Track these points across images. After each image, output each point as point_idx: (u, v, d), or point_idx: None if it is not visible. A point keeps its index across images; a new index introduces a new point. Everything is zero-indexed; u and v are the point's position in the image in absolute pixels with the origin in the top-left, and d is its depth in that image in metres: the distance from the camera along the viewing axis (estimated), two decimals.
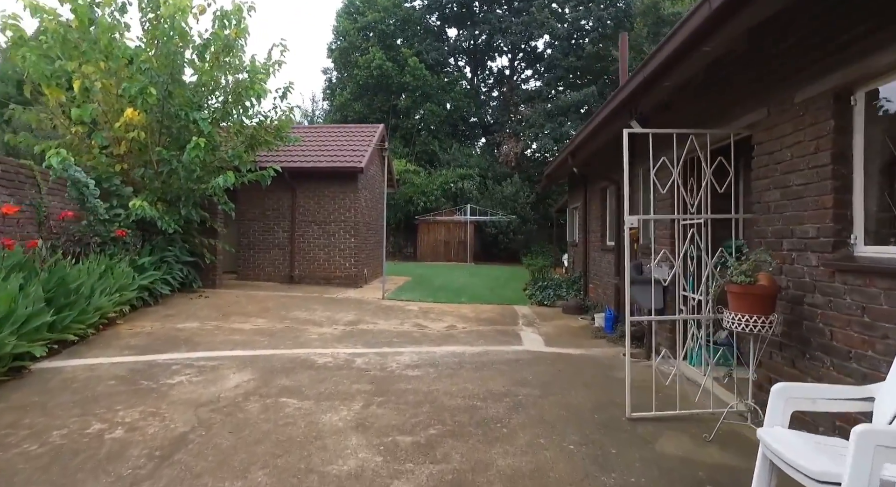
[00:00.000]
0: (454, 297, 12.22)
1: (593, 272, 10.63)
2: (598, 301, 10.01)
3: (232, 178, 8.57)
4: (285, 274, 13.70)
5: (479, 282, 16.30)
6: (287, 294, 11.35)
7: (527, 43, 31.38)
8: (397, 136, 28.74)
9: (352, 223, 13.67)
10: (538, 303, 11.31)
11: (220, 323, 7.83)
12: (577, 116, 25.92)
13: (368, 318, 8.92)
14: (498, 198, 26.37)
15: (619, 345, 7.19)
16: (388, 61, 27.01)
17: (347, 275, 13.65)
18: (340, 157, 13.78)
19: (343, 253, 13.67)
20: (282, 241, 13.74)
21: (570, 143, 8.49)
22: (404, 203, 26.51)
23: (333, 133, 15.73)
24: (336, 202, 13.71)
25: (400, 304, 10.78)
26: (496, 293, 13.38)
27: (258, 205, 13.77)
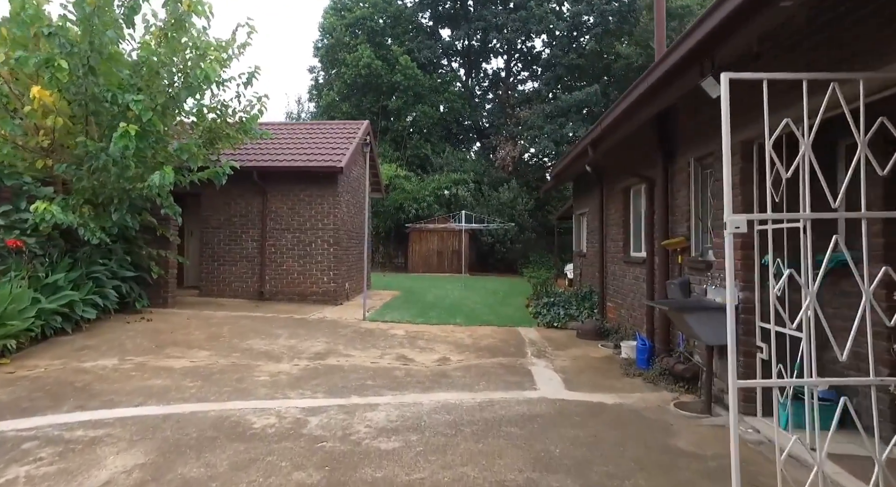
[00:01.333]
0: (447, 316, 10.53)
1: (612, 289, 8.99)
2: (620, 324, 8.36)
3: (171, 175, 6.86)
4: (254, 290, 11.97)
5: (475, 297, 14.62)
6: (251, 315, 9.63)
7: (524, 42, 29.92)
8: (387, 139, 27.16)
9: (331, 231, 11.99)
10: (547, 325, 9.64)
11: (146, 359, 6.11)
12: (578, 117, 24.41)
13: (341, 347, 7.21)
14: (494, 205, 24.76)
15: (660, 387, 5.54)
16: (378, 59, 25.45)
17: (325, 291, 11.94)
18: (318, 155, 12.12)
19: (320, 265, 11.98)
20: (250, 252, 12.02)
21: (592, 129, 6.88)
22: (394, 210, 24.85)
23: (311, 130, 14.07)
24: (313, 207, 12.03)
25: (383, 327, 9.08)
26: (495, 311, 11.70)
27: (223, 210, 12.06)
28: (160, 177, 6.81)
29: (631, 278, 7.78)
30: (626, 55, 22.88)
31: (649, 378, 5.86)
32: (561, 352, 7.41)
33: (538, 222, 26.71)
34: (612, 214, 9.04)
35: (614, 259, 8.84)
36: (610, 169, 8.93)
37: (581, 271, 14.39)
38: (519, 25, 26.00)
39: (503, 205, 24.85)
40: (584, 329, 8.50)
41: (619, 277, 8.48)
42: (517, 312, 11.74)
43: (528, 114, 26.02)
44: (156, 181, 6.78)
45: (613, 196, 8.87)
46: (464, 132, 31.78)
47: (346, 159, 11.86)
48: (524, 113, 26.47)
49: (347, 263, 12.98)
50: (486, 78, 34.51)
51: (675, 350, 5.93)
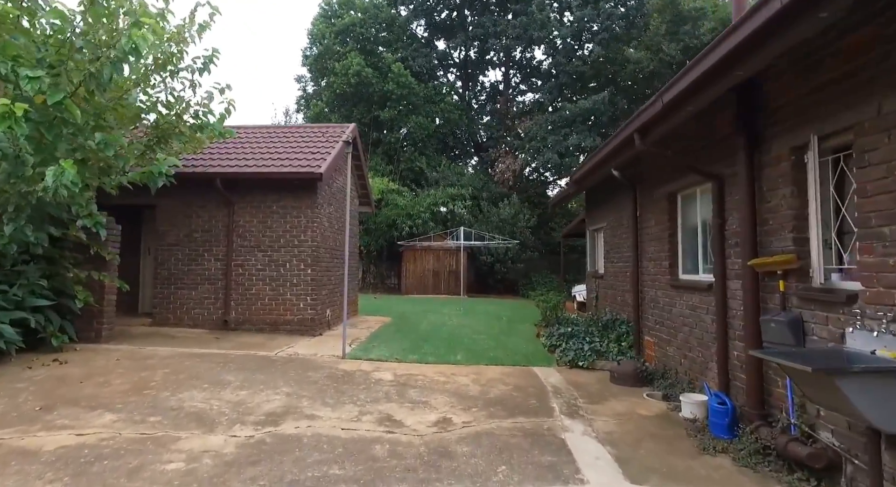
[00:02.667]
0: (446, 351, 8.71)
1: (653, 319, 7.22)
2: (666, 366, 6.57)
3: (71, 172, 5.06)
4: (217, 318, 10.12)
5: (476, 324, 12.80)
6: (203, 352, 7.78)
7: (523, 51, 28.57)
8: (379, 152, 25.55)
9: (309, 249, 10.22)
10: (569, 364, 7.81)
11: (11, 432, 4.26)
12: (584, 127, 22.87)
13: (307, 403, 5.38)
14: (494, 221, 23.06)
15: (766, 476, 3.75)
16: (369, 67, 23.96)
17: (301, 319, 10.11)
18: (294, 160, 10.40)
19: (296, 289, 10.16)
20: (213, 273, 10.20)
21: (643, 110, 5.15)
22: (386, 227, 23.11)
23: (288, 135, 12.38)
24: (287, 221, 10.26)
25: (366, 367, 7.25)
26: (502, 343, 9.89)
27: (182, 224, 10.28)
28: (55, 175, 5.01)
29: (684, 309, 6.02)
30: (636, 60, 21.53)
31: (742, 458, 4.06)
32: (598, 407, 5.60)
33: (541, 240, 25.04)
34: (650, 227, 7.32)
35: (655, 283, 7.09)
36: (649, 171, 7.25)
37: (598, 295, 12.65)
38: (519, 32, 24.62)
39: (503, 221, 23.18)
40: (621, 372, 6.69)
41: (664, 305, 6.72)
42: (528, 344, 9.92)
43: (529, 125, 24.49)
44: (49, 181, 4.99)
45: (653, 205, 7.17)
46: (461, 146, 30.24)
47: (327, 165, 10.14)
48: (525, 124, 24.95)
49: (329, 286, 11.17)
50: (484, 91, 33.18)
51: (777, 417, 4.14)
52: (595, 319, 12.28)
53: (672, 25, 21.17)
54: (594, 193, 12.76)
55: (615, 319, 10.28)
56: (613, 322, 10.17)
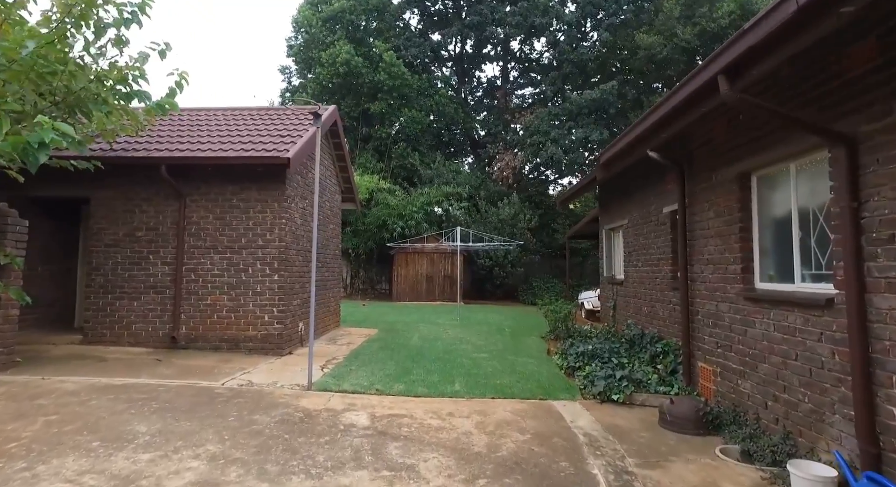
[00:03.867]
0: (441, 377, 6.99)
1: (713, 342, 5.52)
2: (737, 405, 4.87)
3: None
4: (164, 334, 8.37)
5: (476, 337, 11.09)
6: (128, 383, 6.03)
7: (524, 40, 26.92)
8: (369, 148, 23.81)
9: (276, 250, 8.50)
10: (599, 397, 6.07)
11: None
12: (589, 120, 21.23)
13: (234, 476, 3.64)
14: (493, 222, 21.37)
15: None
16: (358, 56, 22.26)
17: (267, 335, 8.37)
18: (258, 144, 8.69)
19: (260, 299, 8.43)
20: (160, 280, 8.46)
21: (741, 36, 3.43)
22: (377, 229, 21.38)
23: (255, 116, 10.64)
24: (250, 217, 8.54)
25: (335, 405, 5.52)
26: (509, 363, 8.18)
27: (123, 221, 8.54)
28: None
29: (772, 331, 4.33)
30: (648, 46, 19.92)
31: None
32: (659, 476, 3.88)
33: (542, 242, 23.39)
34: (706, 220, 5.63)
35: (715, 293, 5.39)
36: (704, 149, 5.58)
37: (615, 304, 10.99)
38: (519, 20, 22.97)
39: (503, 222, 21.49)
40: (677, 415, 4.97)
41: (732, 324, 5.03)
42: (540, 364, 8.21)
43: (530, 119, 22.83)
44: None
45: (710, 192, 5.48)
46: (456, 143, 28.53)
47: (297, 150, 8.42)
48: (526, 118, 23.28)
49: (303, 294, 9.44)
50: (480, 87, 31.55)
51: None
52: (614, 332, 10.62)
53: (687, 8, 19.57)
54: (610, 187, 11.12)
55: (643, 334, 8.63)
56: (641, 338, 8.53)
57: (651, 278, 8.83)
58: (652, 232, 8.80)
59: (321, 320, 10.79)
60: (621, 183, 10.46)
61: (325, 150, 11.04)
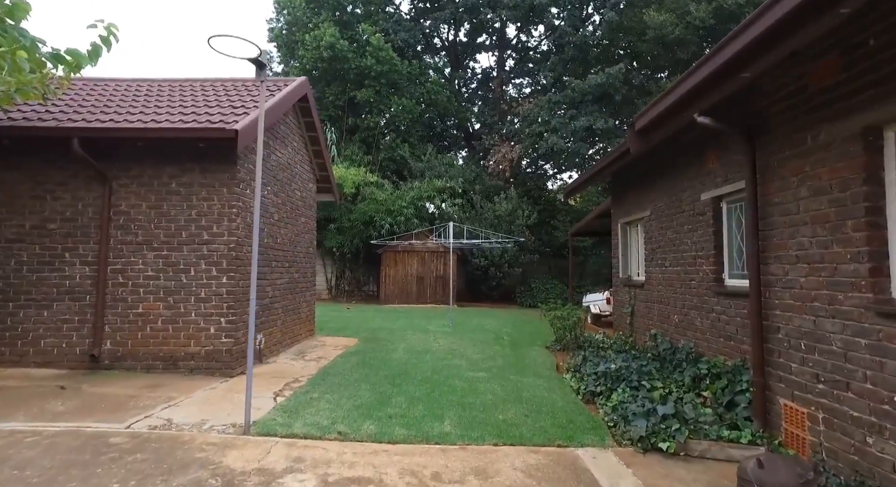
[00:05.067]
0: (427, 412, 5.37)
1: (812, 372, 3.90)
2: (859, 471, 3.31)
3: None
4: (82, 351, 6.71)
5: (471, 349, 9.49)
6: None
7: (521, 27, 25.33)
8: (356, 139, 22.13)
9: (225, 247, 6.88)
10: (641, 443, 4.46)
11: None
12: (594, 107, 19.63)
13: None
14: (489, 218, 19.78)
15: None
16: (344, 40, 20.59)
17: (213, 351, 6.75)
18: (201, 115, 7.05)
19: (205, 307, 6.80)
20: (79, 283, 6.80)
21: None
22: (363, 226, 19.74)
23: (206, 89, 8.96)
24: (193, 206, 6.91)
25: (273, 462, 3.90)
26: (514, 387, 6.57)
27: (30, 210, 6.87)
28: None
29: None
30: (658, 26, 18.35)
31: None
32: None
33: (542, 240, 21.82)
34: (794, 202, 4.04)
35: (815, 304, 3.78)
36: (802, 96, 3.99)
37: (633, 309, 9.45)
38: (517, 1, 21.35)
39: (499, 218, 19.90)
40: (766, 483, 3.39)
41: (853, 351, 3.42)
42: (551, 386, 6.62)
43: (529, 107, 21.23)
44: None
45: (811, 159, 3.87)
46: (450, 135, 26.91)
47: (249, 122, 6.77)
48: (524, 107, 21.68)
49: (264, 300, 7.80)
50: (475, 78, 29.95)
51: None
52: (632, 343, 9.08)
53: None
54: (626, 173, 9.58)
55: (675, 348, 7.10)
56: (674, 354, 7.01)
57: (684, 279, 7.29)
58: (685, 224, 7.27)
59: (289, 329, 9.17)
60: (641, 168, 8.92)
61: (293, 129, 9.42)
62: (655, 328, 8.31)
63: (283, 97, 8.02)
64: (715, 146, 6.37)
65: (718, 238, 6.46)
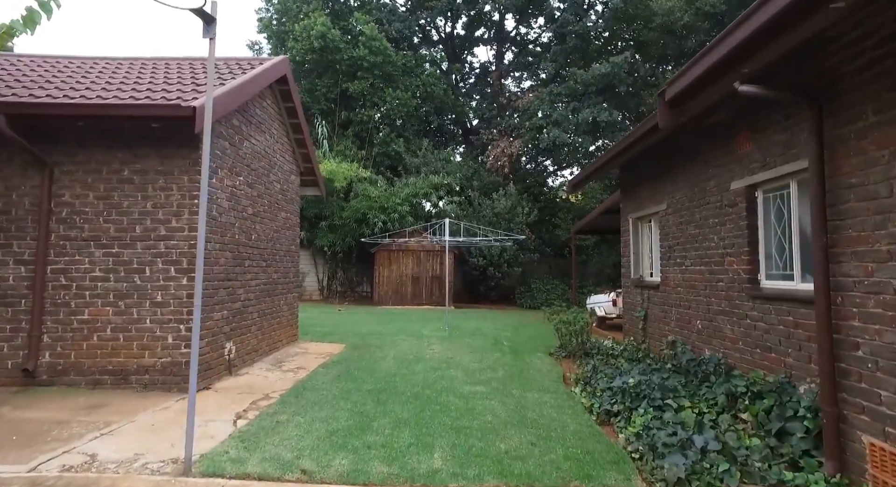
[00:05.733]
0: (414, 441, 4.47)
1: None
2: None
3: None
4: (14, 365, 5.80)
5: (468, 357, 8.60)
6: None
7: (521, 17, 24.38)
8: (349, 134, 21.23)
9: (185, 244, 5.98)
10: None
11: None
12: (598, 99, 18.74)
13: None
14: (487, 216, 18.90)
15: None
16: (336, 30, 19.68)
17: (171, 363, 5.86)
18: (156, 93, 6.15)
19: (163, 312, 5.91)
20: (12, 285, 5.90)
21: None
22: (356, 224, 18.85)
23: (170, 67, 8.05)
24: (149, 196, 6.02)
25: None
26: (517, 405, 5.69)
27: None
28: None
29: None
30: (665, 12, 17.47)
31: None
32: None
33: (542, 239, 20.95)
34: (883, 182, 3.16)
35: None
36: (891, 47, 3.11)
37: (647, 313, 8.57)
38: None
39: (498, 216, 19.01)
40: None
41: None
42: (559, 404, 5.73)
43: (529, 99, 20.35)
44: None
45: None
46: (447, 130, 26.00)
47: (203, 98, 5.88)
48: (524, 99, 20.79)
49: (234, 304, 6.91)
50: (473, 73, 29.04)
51: None
52: (645, 350, 8.22)
53: None
54: (637, 164, 8.72)
55: (699, 359, 6.25)
56: (699, 366, 6.15)
57: (709, 280, 6.43)
58: (710, 218, 6.41)
59: (267, 335, 8.28)
60: (655, 157, 8.06)
61: (271, 115, 8.53)
62: (674, 335, 7.45)
63: (257, 75, 7.12)
64: (749, 126, 5.50)
65: (753, 233, 5.61)
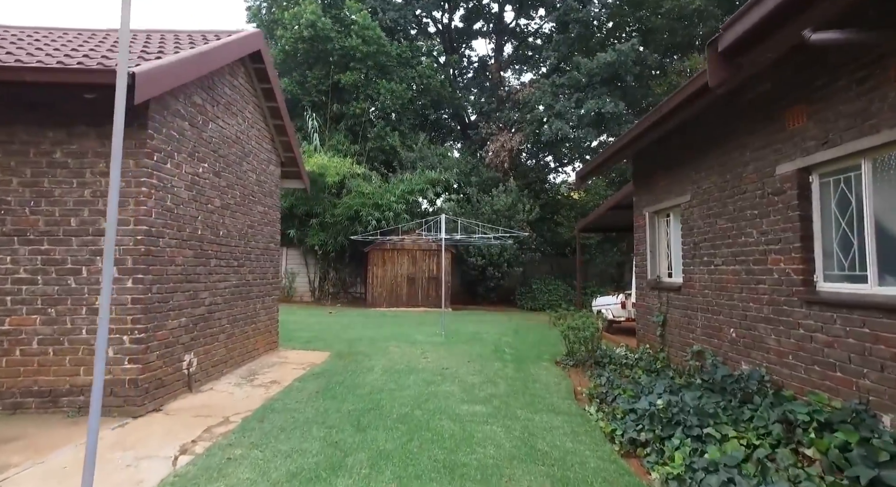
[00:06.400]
0: (399, 481, 3.55)
1: None
2: None
3: None
4: None
5: (466, 370, 7.66)
6: None
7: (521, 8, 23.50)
8: (341, 128, 20.25)
9: (131, 239, 5.04)
10: None
11: None
12: (603, 89, 17.75)
13: None
14: (486, 213, 17.96)
15: None
16: (327, 18, 18.72)
17: (111, 382, 4.91)
18: (94, 58, 5.19)
19: (96, 322, 4.96)
20: None
21: None
22: (348, 221, 17.90)
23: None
24: (87, 183, 5.08)
25: None
26: (524, 432, 4.74)
27: None
28: None
29: None
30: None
31: None
32: None
33: (544, 237, 20.03)
34: None
35: None
36: None
37: (667, 319, 7.64)
38: None
39: (497, 213, 18.08)
40: None
41: None
42: (574, 429, 4.78)
43: (530, 91, 19.40)
44: None
45: None
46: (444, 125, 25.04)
47: (164, 65, 4.94)
48: (525, 91, 19.85)
49: (194, 311, 5.95)
50: (471, 67, 28.10)
51: None
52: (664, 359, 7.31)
53: None
54: (654, 152, 7.80)
55: (737, 375, 5.33)
56: (737, 383, 5.24)
57: (745, 282, 5.52)
58: (748, 209, 5.49)
59: (239, 344, 7.33)
60: (676, 143, 7.14)
61: (245, 96, 7.58)
62: (700, 344, 6.53)
63: (221, 46, 6.17)
64: (804, 97, 4.59)
65: (806, 226, 4.70)
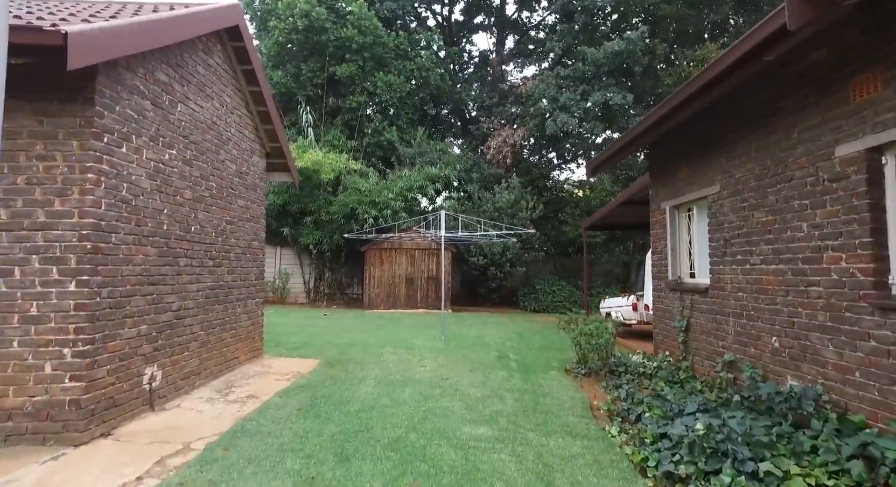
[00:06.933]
0: None
1: None
2: None
3: None
4: None
5: (469, 382, 6.89)
6: None
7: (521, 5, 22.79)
8: (338, 123, 19.49)
9: (75, 234, 4.28)
10: None
11: None
12: (611, 80, 16.94)
13: None
14: (488, 210, 17.20)
15: None
16: (322, 7, 17.96)
17: (47, 403, 4.15)
18: (24, 18, 4.43)
19: (38, 330, 4.20)
20: None
21: None
22: (344, 220, 17.14)
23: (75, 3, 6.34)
24: (21, 169, 4.31)
25: None
26: (537, 462, 3.98)
27: None
28: None
29: None
30: None
31: None
32: None
33: (547, 236, 19.26)
34: None
35: None
36: None
37: (690, 324, 6.87)
38: None
39: (500, 211, 17.31)
40: None
41: None
42: (596, 459, 4.01)
43: (533, 84, 18.64)
44: None
45: None
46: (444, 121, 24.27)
47: (97, 28, 4.17)
48: (528, 84, 19.08)
49: (157, 316, 5.18)
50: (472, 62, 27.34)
51: None
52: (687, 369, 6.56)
53: None
54: (673, 139, 7.02)
55: (790, 393, 4.57)
56: (786, 402, 4.49)
57: (792, 283, 4.75)
58: (795, 199, 4.73)
59: (214, 353, 6.57)
60: (700, 130, 6.38)
61: (222, 77, 6.82)
62: (732, 354, 5.76)
63: (187, 15, 5.41)
64: (873, 63, 3.83)
65: (878, 217, 3.94)
